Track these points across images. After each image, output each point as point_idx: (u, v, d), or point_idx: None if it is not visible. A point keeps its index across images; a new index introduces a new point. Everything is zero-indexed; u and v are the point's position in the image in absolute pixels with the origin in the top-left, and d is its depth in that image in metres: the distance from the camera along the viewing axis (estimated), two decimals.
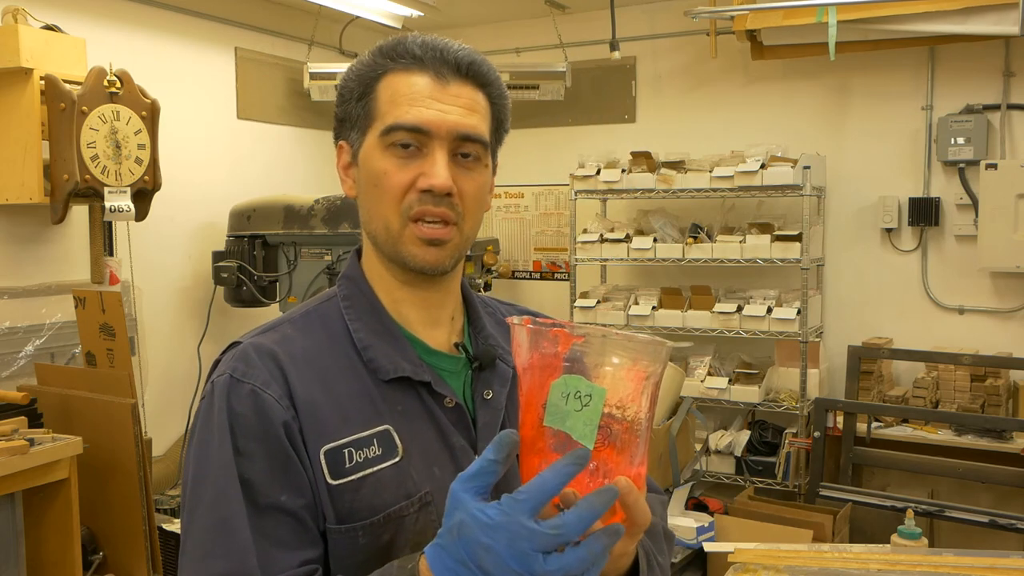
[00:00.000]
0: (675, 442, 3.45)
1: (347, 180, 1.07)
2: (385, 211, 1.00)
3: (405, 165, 0.98)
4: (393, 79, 1.00)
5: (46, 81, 2.91)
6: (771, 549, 1.99)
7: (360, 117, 1.02)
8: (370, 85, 1.02)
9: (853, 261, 4.08)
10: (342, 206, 3.47)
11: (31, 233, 3.23)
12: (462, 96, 1.00)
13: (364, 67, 1.03)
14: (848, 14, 3.54)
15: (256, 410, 0.94)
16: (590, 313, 4.15)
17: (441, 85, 0.99)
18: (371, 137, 1.01)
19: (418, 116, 0.98)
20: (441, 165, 0.98)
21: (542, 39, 4.40)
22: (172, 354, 3.76)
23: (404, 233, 1.00)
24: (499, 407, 1.07)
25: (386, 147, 0.99)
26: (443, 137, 0.98)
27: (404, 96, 0.99)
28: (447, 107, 0.99)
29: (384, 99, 1.00)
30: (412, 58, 1.00)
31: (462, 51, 1.01)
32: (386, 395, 1.00)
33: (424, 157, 0.99)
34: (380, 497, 0.96)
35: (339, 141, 1.07)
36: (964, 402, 3.67)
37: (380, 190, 1.00)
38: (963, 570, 1.81)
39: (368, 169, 1.01)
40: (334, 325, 1.04)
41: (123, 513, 2.70)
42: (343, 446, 0.95)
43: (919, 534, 1.96)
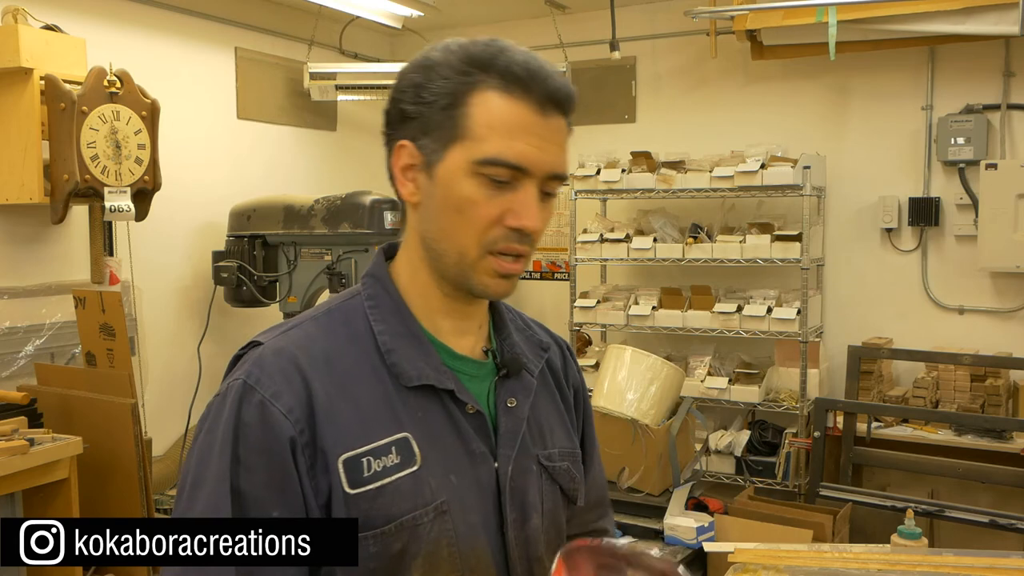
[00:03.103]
0: (675, 442, 3.45)
1: (406, 184, 1.00)
2: (464, 239, 0.96)
3: (494, 197, 0.95)
4: (490, 98, 0.94)
5: (46, 81, 2.91)
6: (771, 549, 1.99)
7: (443, 127, 0.96)
8: (460, 96, 0.95)
9: (853, 261, 4.08)
10: (342, 206, 3.47)
11: (31, 233, 3.23)
12: (558, 131, 0.97)
13: (454, 72, 0.95)
14: (848, 14, 3.54)
15: (263, 423, 0.93)
16: (590, 313, 4.15)
17: (542, 118, 0.95)
18: (458, 156, 0.95)
19: (521, 154, 0.94)
20: (535, 207, 0.95)
21: (542, 39, 4.40)
22: (172, 354, 3.76)
23: (480, 264, 0.97)
24: (522, 416, 1.06)
25: (476, 175, 0.94)
26: (538, 176, 0.96)
27: (505, 125, 0.94)
28: (546, 144, 0.95)
29: (480, 119, 0.94)
30: (514, 78, 0.94)
31: (561, 79, 0.96)
32: (407, 400, 0.98)
33: (514, 191, 0.95)
34: (397, 506, 0.95)
35: (400, 140, 0.99)
36: (964, 402, 3.66)
37: (464, 217, 0.95)
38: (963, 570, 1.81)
39: (450, 190, 0.96)
40: (357, 324, 1.01)
41: (123, 513, 2.70)
42: (362, 455, 0.94)
43: (919, 534, 1.96)
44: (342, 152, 4.70)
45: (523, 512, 1.05)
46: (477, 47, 0.96)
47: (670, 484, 3.47)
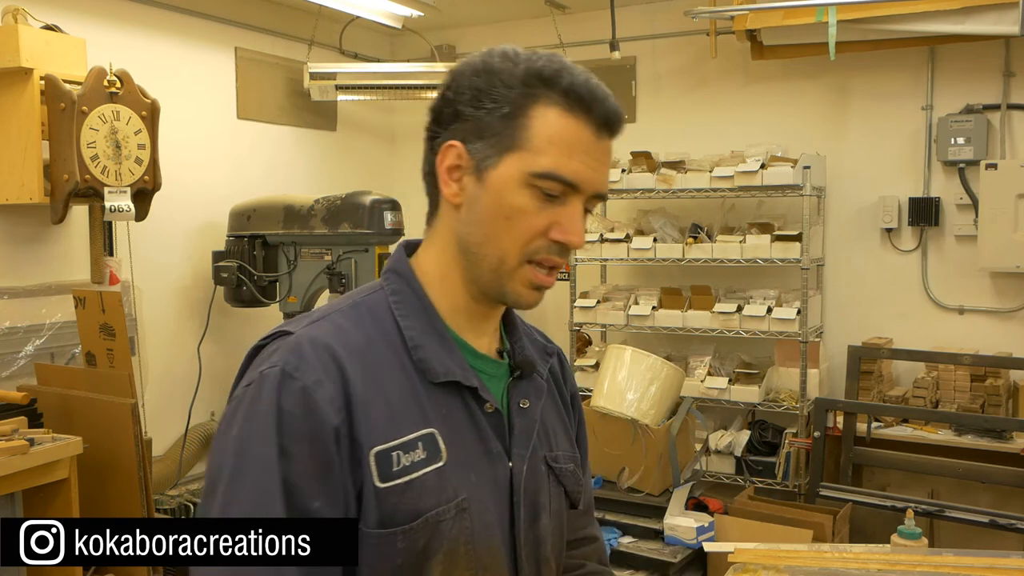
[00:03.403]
0: (675, 442, 3.45)
1: (451, 184, 1.01)
2: (508, 246, 0.98)
3: (543, 209, 0.97)
4: (552, 114, 0.96)
5: (46, 81, 2.91)
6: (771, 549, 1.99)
7: (500, 135, 0.97)
8: (522, 106, 0.96)
9: (853, 261, 4.08)
10: (342, 206, 3.47)
11: (31, 233, 3.23)
12: (607, 153, 1.00)
13: (518, 83, 0.97)
14: (848, 14, 3.54)
15: (305, 410, 0.92)
16: (590, 313, 4.15)
17: (597, 139, 0.98)
18: (513, 165, 0.97)
19: (576, 173, 0.96)
20: (580, 223, 0.99)
21: (542, 39, 4.40)
22: (172, 354, 3.76)
23: (519, 272, 0.99)
24: (535, 418, 1.08)
25: (529, 186, 0.96)
26: (586, 194, 0.98)
27: (564, 142, 0.96)
28: (597, 165, 0.98)
29: (540, 133, 0.96)
30: (577, 99, 0.96)
31: (615, 103, 0.99)
32: (432, 397, 0.99)
33: (561, 206, 0.98)
34: (422, 502, 0.95)
35: (450, 140, 1.00)
36: (964, 402, 3.66)
37: (512, 225, 0.97)
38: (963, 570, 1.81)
39: (502, 198, 0.97)
40: (383, 319, 1.01)
41: (123, 513, 2.69)
42: (392, 448, 0.94)
43: (919, 534, 1.95)
44: (342, 152, 4.70)
45: (533, 512, 1.06)
46: (540, 61, 0.98)
47: (670, 484, 3.48)
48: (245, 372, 0.99)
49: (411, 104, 4.88)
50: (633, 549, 3.36)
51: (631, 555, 3.34)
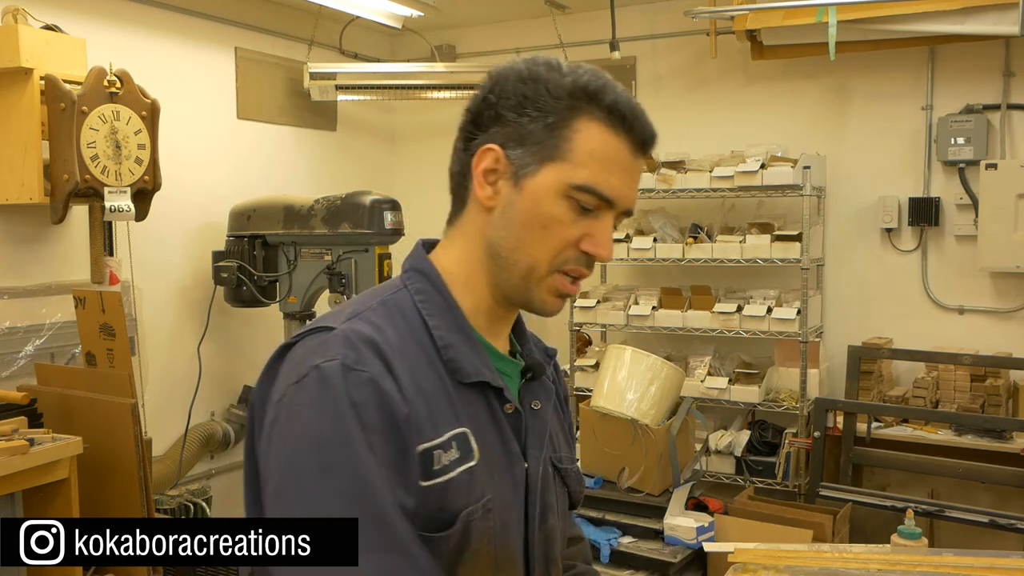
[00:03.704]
0: (675, 442, 3.45)
1: (486, 187, 1.01)
2: (539, 254, 0.99)
3: (577, 221, 0.99)
4: (595, 129, 0.98)
5: (46, 81, 2.91)
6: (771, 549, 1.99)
7: (542, 143, 0.98)
8: (565, 118, 0.98)
9: (853, 261, 4.08)
10: (342, 206, 3.47)
11: (31, 233, 3.23)
12: (640, 171, 1.04)
13: (565, 94, 0.98)
14: (848, 14, 3.54)
15: (378, 401, 0.91)
16: (590, 313, 4.15)
17: (634, 158, 1.01)
18: (553, 175, 0.98)
19: (613, 189, 0.99)
20: (609, 237, 1.01)
21: (542, 39, 4.40)
22: (172, 354, 3.76)
23: (547, 280, 1.01)
24: (546, 419, 1.09)
25: (567, 197, 0.98)
26: (618, 210, 1.01)
27: (606, 157, 0.98)
28: (632, 182, 1.01)
29: (582, 147, 0.98)
30: (620, 118, 0.99)
31: (652, 125, 1.03)
32: (461, 396, 0.99)
33: (594, 219, 0.99)
34: (457, 502, 0.96)
35: (489, 143, 1.00)
36: (964, 402, 3.66)
37: (546, 233, 0.99)
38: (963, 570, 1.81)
39: (538, 206, 0.98)
40: (411, 318, 1.01)
41: (123, 513, 2.69)
42: (434, 448, 0.94)
43: (919, 534, 1.95)
44: (342, 152, 4.70)
45: (543, 512, 1.08)
46: (586, 75, 1.00)
47: (670, 484, 3.48)
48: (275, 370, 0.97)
49: (411, 104, 4.88)
50: (633, 549, 3.36)
51: (631, 555, 3.34)
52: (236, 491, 4.22)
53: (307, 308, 3.72)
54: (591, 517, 3.48)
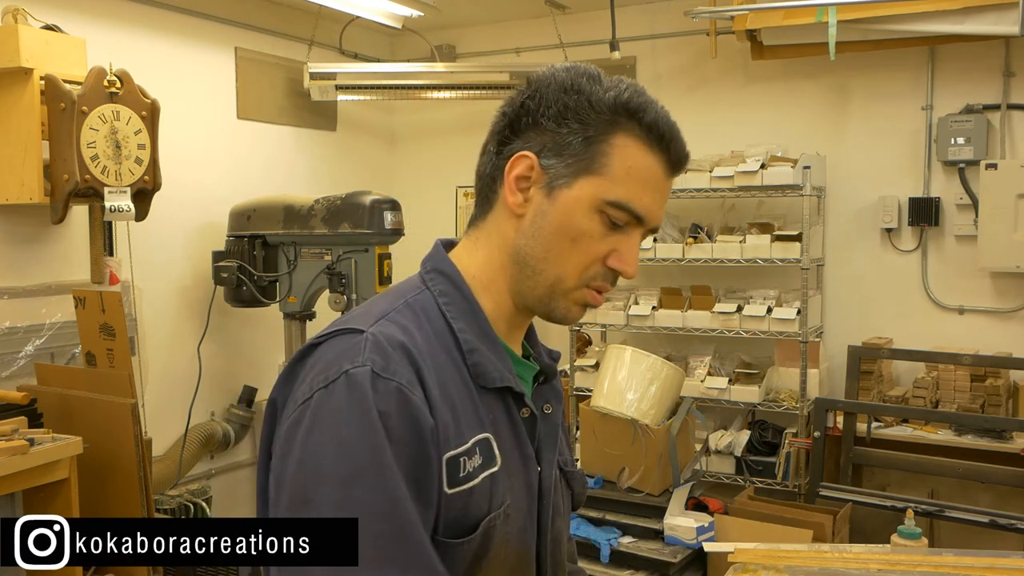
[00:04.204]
0: (675, 442, 3.45)
1: (518, 194, 1.00)
2: (567, 267, 0.99)
3: (607, 236, 0.98)
4: (632, 145, 0.98)
5: (46, 81, 2.91)
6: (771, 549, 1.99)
7: (578, 156, 0.97)
8: (604, 132, 0.97)
9: (853, 261, 4.08)
10: (342, 206, 3.47)
11: (31, 233, 3.23)
12: (669, 190, 1.03)
13: (606, 109, 0.98)
14: (848, 14, 3.54)
15: (403, 412, 0.89)
16: (590, 313, 4.14)
17: (667, 178, 1.01)
18: (588, 188, 0.97)
19: (646, 208, 0.99)
20: (636, 255, 1.01)
21: (542, 39, 4.40)
22: (172, 354, 3.76)
23: (573, 293, 1.00)
24: (557, 422, 1.09)
25: (600, 212, 0.97)
26: (646, 227, 1.01)
27: (641, 176, 0.98)
28: (662, 201, 1.01)
29: (618, 163, 0.97)
30: (658, 137, 0.98)
31: (685, 145, 1.01)
32: (483, 400, 0.99)
33: (623, 235, 0.99)
34: (479, 508, 0.95)
35: (524, 150, 0.99)
36: (964, 402, 3.66)
37: (576, 247, 0.98)
38: (963, 570, 1.81)
39: (569, 218, 0.98)
40: (435, 321, 0.99)
41: (123, 513, 2.69)
42: (459, 454, 0.94)
43: (919, 534, 1.95)
44: (342, 152, 4.70)
45: (553, 515, 1.08)
46: (628, 91, 0.99)
47: (670, 484, 3.48)
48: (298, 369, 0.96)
49: (411, 104, 4.88)
50: (633, 549, 3.36)
51: (631, 555, 3.34)
52: (236, 491, 4.24)
53: (307, 308, 3.72)
54: (591, 517, 3.48)
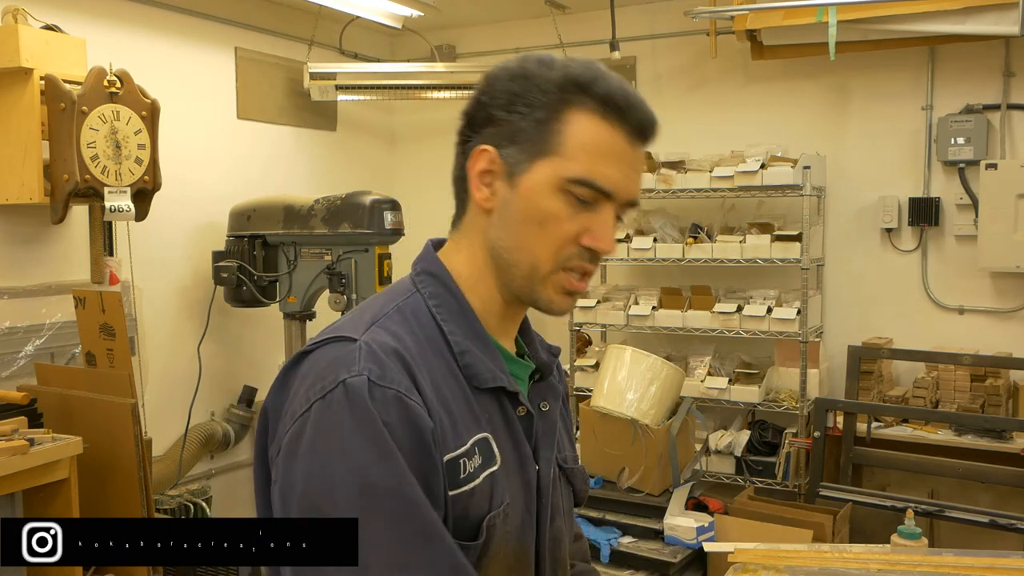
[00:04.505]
0: (675, 442, 3.45)
1: (483, 189, 1.00)
2: (540, 252, 0.97)
3: (575, 215, 0.96)
4: (586, 120, 0.96)
5: (46, 81, 2.91)
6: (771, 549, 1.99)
7: (533, 140, 0.97)
8: (556, 111, 0.96)
9: (853, 261, 4.08)
10: (342, 206, 3.47)
11: (31, 233, 3.23)
12: (641, 160, 1.01)
13: (553, 88, 0.97)
14: (848, 14, 3.54)
15: (405, 419, 0.89)
16: (590, 313, 4.15)
17: (632, 149, 0.98)
18: (546, 170, 0.96)
19: (611, 180, 0.96)
20: (611, 230, 0.98)
21: (542, 39, 4.40)
22: (172, 354, 3.76)
23: (552, 278, 0.98)
24: (554, 420, 1.09)
25: (563, 191, 0.96)
26: (619, 202, 0.98)
27: (598, 150, 0.96)
28: (632, 173, 0.98)
29: (573, 140, 0.96)
30: (613, 106, 0.96)
31: (651, 112, 0.99)
32: (479, 401, 0.99)
33: (593, 212, 0.97)
34: (480, 507, 0.95)
35: (482, 144, 0.99)
36: (964, 402, 3.66)
37: (543, 231, 0.96)
38: (963, 570, 1.81)
39: (533, 203, 0.97)
40: (426, 324, 0.99)
41: (123, 513, 2.69)
42: (459, 456, 0.94)
43: (919, 534, 1.95)
44: (342, 152, 4.70)
45: (552, 513, 1.08)
46: (577, 68, 0.98)
47: (670, 484, 3.48)
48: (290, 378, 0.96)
49: (411, 104, 4.88)
50: (633, 549, 3.36)
51: (631, 555, 3.34)
52: (236, 491, 4.24)
53: (307, 308, 3.72)
54: (591, 517, 3.48)
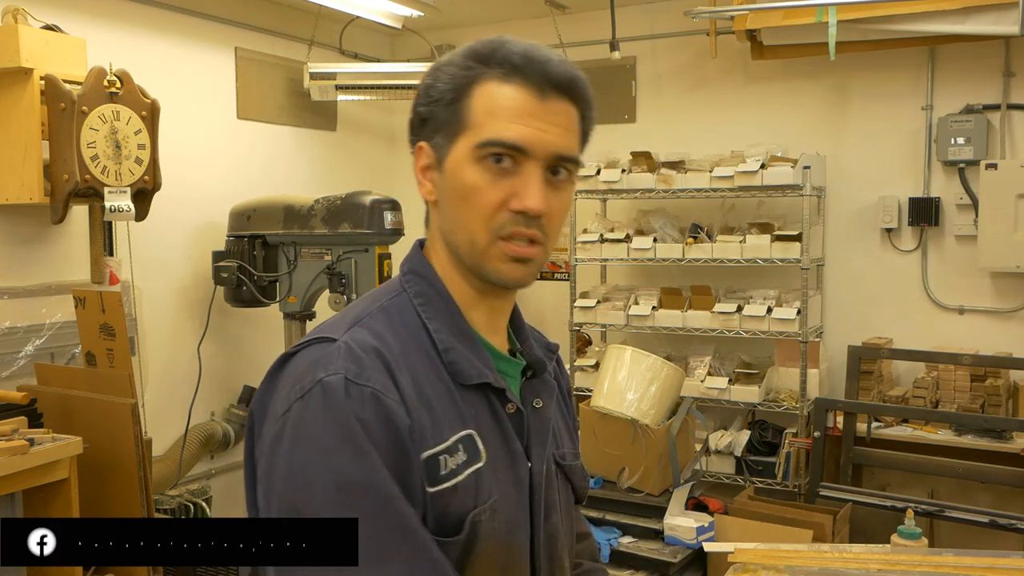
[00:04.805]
0: (675, 442, 3.45)
1: (425, 183, 1.03)
2: (473, 226, 0.98)
3: (497, 182, 0.96)
4: (489, 87, 0.97)
5: (46, 81, 2.91)
6: (771, 549, 1.99)
7: (449, 122, 0.99)
8: (463, 90, 0.98)
9: (853, 261, 4.08)
10: (342, 206, 3.47)
11: (31, 233, 3.23)
12: (560, 114, 0.98)
13: (457, 69, 0.99)
14: (848, 14, 3.54)
15: (381, 417, 0.90)
16: (590, 313, 4.15)
17: (541, 101, 0.97)
18: (462, 146, 0.98)
19: (518, 133, 0.95)
20: (537, 188, 0.96)
21: (542, 39, 4.33)
22: (172, 354, 3.76)
23: (491, 250, 0.98)
24: (548, 417, 1.09)
25: (478, 160, 0.96)
26: (539, 157, 0.97)
27: (502, 109, 0.96)
28: (546, 125, 0.97)
29: (479, 108, 0.97)
30: (512, 67, 0.97)
31: (562, 65, 0.98)
32: (464, 398, 0.99)
33: (518, 175, 0.96)
34: (464, 504, 0.95)
35: (418, 142, 1.03)
36: (964, 402, 3.66)
37: (469, 204, 0.97)
38: (963, 570, 1.81)
39: (456, 180, 0.98)
40: (411, 323, 1.01)
41: (123, 513, 2.69)
42: (439, 453, 0.94)
43: (919, 534, 1.95)
44: (342, 152, 4.70)
45: (547, 510, 1.08)
46: (480, 44, 1.00)
47: (670, 484, 3.48)
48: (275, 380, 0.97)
49: (411, 104, 4.87)
50: (633, 549, 3.36)
51: (631, 555, 3.34)
52: (236, 491, 4.24)
53: (307, 308, 3.72)
54: (591, 517, 3.48)
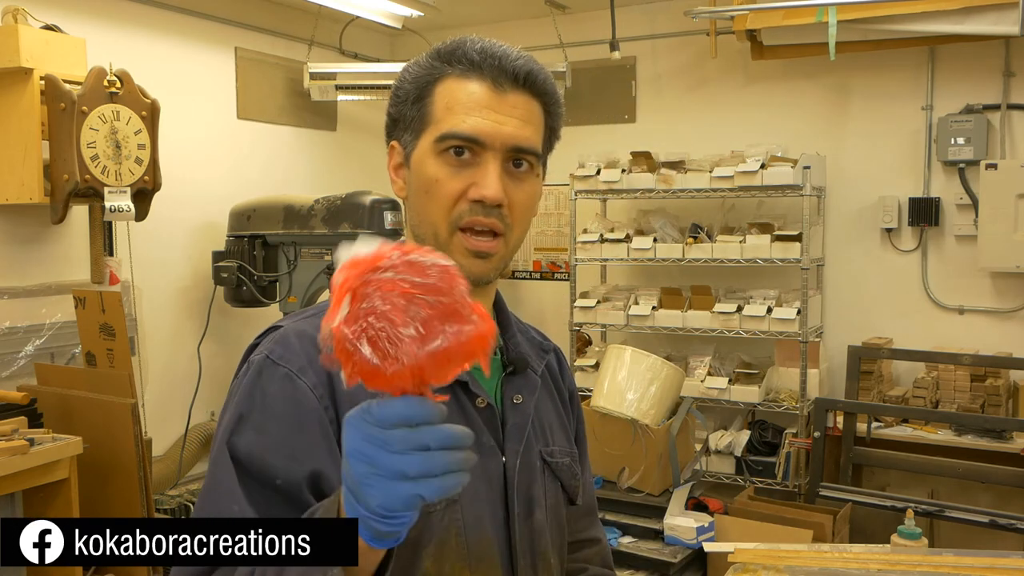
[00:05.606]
0: (675, 442, 3.45)
1: (397, 181, 1.07)
2: (434, 218, 1.01)
3: (457, 174, 0.99)
4: (450, 84, 1.01)
5: (46, 81, 2.91)
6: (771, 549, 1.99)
7: (414, 120, 1.03)
8: (426, 89, 1.02)
9: (853, 261, 4.08)
10: (342, 206, 3.47)
11: (31, 233, 3.23)
12: (518, 107, 1.01)
13: (421, 70, 1.03)
14: (848, 14, 3.54)
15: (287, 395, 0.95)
16: (590, 313, 4.15)
17: (498, 94, 1.00)
18: (425, 142, 1.01)
19: (474, 126, 0.98)
20: (493, 176, 0.99)
21: (542, 39, 4.40)
22: (172, 354, 3.76)
23: (452, 242, 1.00)
24: (528, 412, 1.09)
25: (439, 154, 1.00)
26: (497, 148, 0.99)
27: (460, 104, 0.99)
28: (503, 117, 0.99)
29: (440, 105, 1.01)
30: (470, 64, 1.00)
31: (520, 60, 1.01)
32: None
33: (477, 167, 0.99)
34: None
35: (391, 142, 1.07)
36: (964, 402, 3.66)
37: (430, 196, 1.00)
38: (963, 570, 1.81)
39: (420, 174, 1.02)
40: None
41: (123, 513, 2.70)
42: None
43: (919, 534, 1.95)
44: (342, 152, 4.70)
45: (528, 506, 1.08)
46: (443, 44, 1.04)
47: (670, 484, 3.48)
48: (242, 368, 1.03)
49: None
50: (633, 549, 3.36)
51: (631, 555, 3.34)
52: None
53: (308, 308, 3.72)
54: None
